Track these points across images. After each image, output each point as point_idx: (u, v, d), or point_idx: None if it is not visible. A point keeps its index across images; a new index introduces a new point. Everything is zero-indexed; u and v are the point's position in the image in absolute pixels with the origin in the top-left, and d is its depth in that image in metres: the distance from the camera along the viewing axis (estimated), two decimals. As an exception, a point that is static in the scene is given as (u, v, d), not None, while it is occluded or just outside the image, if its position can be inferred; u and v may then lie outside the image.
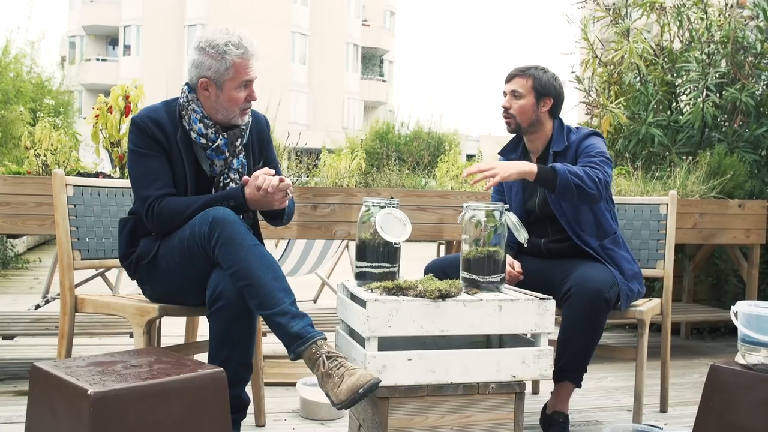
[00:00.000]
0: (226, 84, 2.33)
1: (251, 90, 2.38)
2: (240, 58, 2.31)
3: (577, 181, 2.51)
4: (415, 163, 5.07)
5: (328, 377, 2.01)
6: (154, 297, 2.41)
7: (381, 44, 37.59)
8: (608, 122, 4.62)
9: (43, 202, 3.06)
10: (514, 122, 2.75)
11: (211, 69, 2.32)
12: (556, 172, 2.50)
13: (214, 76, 2.33)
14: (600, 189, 2.56)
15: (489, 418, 2.16)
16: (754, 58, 4.69)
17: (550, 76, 2.74)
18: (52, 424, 1.78)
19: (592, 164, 2.60)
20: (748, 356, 2.06)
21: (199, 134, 2.36)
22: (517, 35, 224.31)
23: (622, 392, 3.34)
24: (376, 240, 2.26)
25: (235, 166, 2.41)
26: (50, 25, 31.98)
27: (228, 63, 2.31)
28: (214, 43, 2.31)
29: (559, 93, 2.75)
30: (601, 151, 2.68)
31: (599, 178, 2.56)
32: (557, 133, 2.76)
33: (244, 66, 2.33)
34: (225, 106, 2.36)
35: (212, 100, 2.36)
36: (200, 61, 2.33)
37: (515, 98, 2.73)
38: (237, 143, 2.41)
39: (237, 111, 2.37)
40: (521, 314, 2.16)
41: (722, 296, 4.73)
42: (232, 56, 2.30)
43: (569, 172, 2.51)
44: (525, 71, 2.73)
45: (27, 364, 3.32)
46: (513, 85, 2.74)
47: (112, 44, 34.61)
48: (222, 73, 2.32)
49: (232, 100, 2.35)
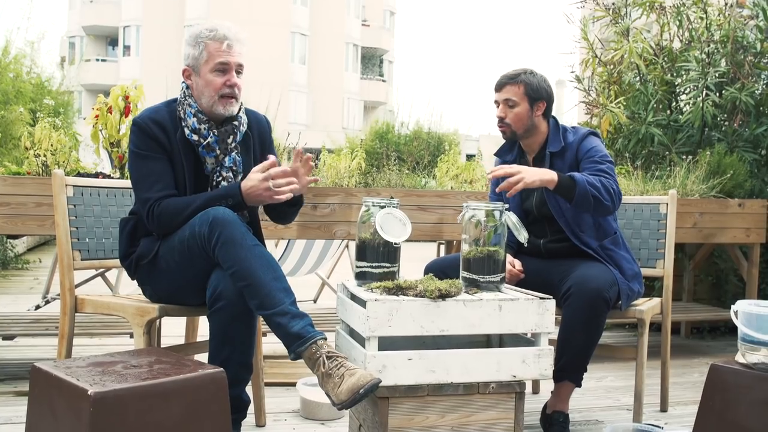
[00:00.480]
0: (202, 69, 2.38)
1: (230, 75, 2.38)
2: (212, 41, 2.36)
3: (595, 193, 2.51)
4: (415, 163, 5.06)
5: (329, 377, 2.01)
6: (154, 297, 2.41)
7: (381, 44, 37.59)
8: (608, 122, 4.62)
9: (43, 202, 3.06)
10: (509, 130, 2.74)
11: (189, 57, 2.40)
12: (576, 183, 2.50)
13: (192, 63, 2.40)
14: (615, 202, 2.58)
15: (489, 417, 2.16)
16: (753, 58, 4.68)
17: (539, 79, 2.73)
18: (52, 424, 1.78)
19: (602, 172, 2.60)
20: (749, 355, 2.06)
21: (192, 130, 2.37)
22: (516, 35, 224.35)
23: (623, 392, 3.34)
24: (376, 240, 2.26)
25: (227, 164, 2.41)
26: (50, 25, 31.94)
27: (201, 47, 2.37)
28: (193, 33, 2.39)
29: (550, 95, 2.75)
30: (605, 155, 2.68)
31: (614, 190, 2.57)
32: (553, 134, 2.75)
33: (217, 48, 2.36)
34: (203, 92, 2.38)
35: (195, 89, 2.41)
36: (185, 53, 2.42)
37: (509, 107, 2.71)
38: (229, 140, 2.41)
39: (216, 96, 2.37)
40: (521, 314, 2.16)
41: (722, 295, 4.73)
42: (204, 39, 2.36)
43: (588, 183, 2.51)
44: (515, 78, 2.71)
45: (27, 364, 3.32)
46: (505, 93, 2.72)
47: (111, 44, 34.61)
48: (197, 58, 2.38)
49: (209, 84, 2.37)
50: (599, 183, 2.54)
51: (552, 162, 2.72)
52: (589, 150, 2.69)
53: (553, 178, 2.50)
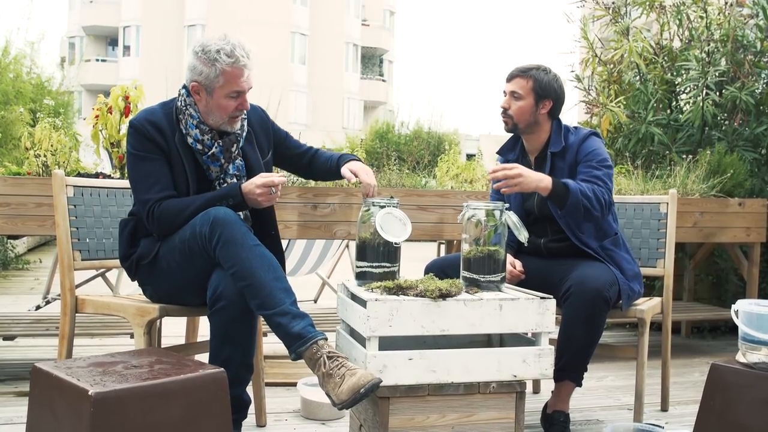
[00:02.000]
0: (216, 91, 2.31)
1: (243, 100, 2.35)
2: (231, 67, 2.29)
3: (587, 203, 2.54)
4: (415, 163, 5.05)
5: (329, 377, 2.01)
6: (155, 297, 2.41)
7: (381, 44, 37.58)
8: (608, 121, 4.62)
9: (44, 202, 3.06)
10: (511, 122, 2.74)
11: (202, 74, 2.31)
12: (569, 192, 2.52)
13: (204, 82, 2.31)
14: (604, 211, 2.61)
15: (490, 417, 2.16)
16: (753, 57, 4.68)
17: (551, 77, 2.72)
18: (52, 424, 1.78)
19: (597, 179, 2.61)
20: (749, 355, 2.06)
21: (195, 140, 2.36)
22: (516, 35, 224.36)
23: (623, 391, 3.34)
24: (377, 240, 2.26)
25: (231, 172, 2.41)
26: (50, 25, 32.00)
27: (218, 70, 2.28)
28: (207, 49, 2.29)
29: (559, 95, 2.73)
30: (604, 158, 2.68)
31: (604, 200, 2.59)
32: (555, 134, 2.75)
33: (235, 75, 2.30)
34: (214, 113, 2.35)
35: (203, 104, 2.35)
36: (193, 65, 2.32)
37: (514, 99, 2.71)
38: (233, 149, 2.40)
39: (226, 118, 2.35)
40: (522, 313, 2.16)
41: (723, 295, 4.73)
42: (223, 64, 2.28)
43: (581, 192, 2.53)
44: (526, 72, 2.71)
45: (28, 364, 3.32)
46: (513, 85, 2.72)
47: (111, 45, 34.60)
48: (212, 79, 2.30)
49: (221, 108, 2.33)
50: (592, 193, 2.56)
51: (553, 162, 2.72)
52: (589, 153, 2.68)
53: (548, 186, 2.52)
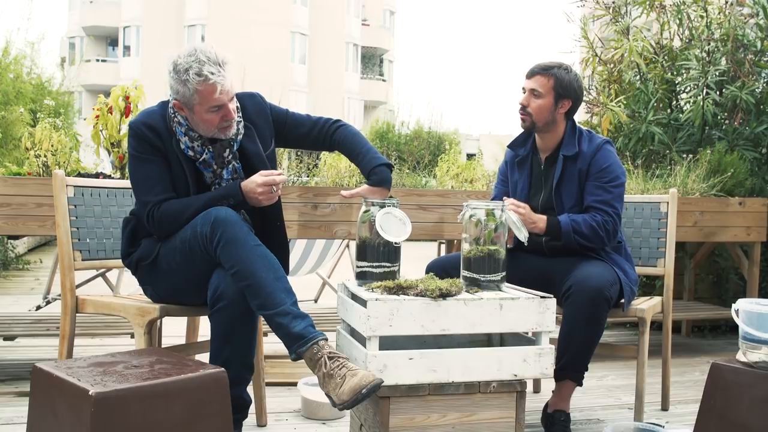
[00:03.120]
0: (195, 107, 2.27)
1: (226, 111, 2.29)
2: (202, 86, 2.22)
3: (582, 242, 2.63)
4: (415, 163, 5.06)
5: (330, 378, 2.01)
6: (155, 297, 2.42)
7: (381, 44, 37.57)
8: (608, 120, 4.62)
9: (44, 203, 3.06)
10: (529, 120, 2.71)
11: (179, 93, 2.26)
12: (561, 234, 2.61)
13: (183, 100, 2.27)
14: (609, 239, 2.66)
15: (490, 417, 2.16)
16: (754, 56, 4.68)
17: (572, 77, 2.69)
18: (53, 424, 1.78)
19: (605, 205, 2.64)
20: (749, 354, 2.06)
21: (186, 146, 2.34)
22: (516, 34, 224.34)
23: (624, 390, 3.34)
24: (377, 239, 2.26)
25: (225, 177, 2.38)
26: (50, 26, 32.04)
27: (191, 90, 2.23)
28: (177, 68, 2.23)
29: (578, 96, 2.71)
30: (616, 176, 2.68)
31: (607, 230, 2.63)
32: (569, 136, 2.72)
33: (208, 92, 2.23)
34: (200, 126, 2.31)
35: (189, 119, 2.32)
36: (170, 83, 2.28)
37: (534, 97, 2.68)
38: (225, 154, 2.37)
39: (215, 130, 2.32)
40: (522, 313, 2.16)
41: (723, 294, 4.73)
42: (194, 83, 2.22)
43: (574, 230, 2.60)
44: (548, 70, 2.68)
45: (28, 365, 3.33)
46: (533, 83, 2.69)
47: (111, 45, 34.60)
48: (189, 98, 2.25)
49: (206, 122, 2.29)
50: (588, 230, 2.61)
51: (564, 165, 2.70)
52: (601, 170, 2.67)
53: (542, 228, 2.63)
